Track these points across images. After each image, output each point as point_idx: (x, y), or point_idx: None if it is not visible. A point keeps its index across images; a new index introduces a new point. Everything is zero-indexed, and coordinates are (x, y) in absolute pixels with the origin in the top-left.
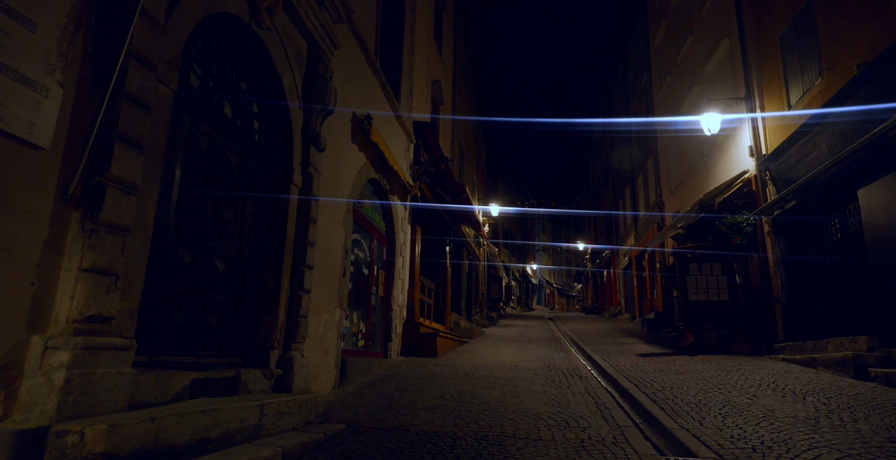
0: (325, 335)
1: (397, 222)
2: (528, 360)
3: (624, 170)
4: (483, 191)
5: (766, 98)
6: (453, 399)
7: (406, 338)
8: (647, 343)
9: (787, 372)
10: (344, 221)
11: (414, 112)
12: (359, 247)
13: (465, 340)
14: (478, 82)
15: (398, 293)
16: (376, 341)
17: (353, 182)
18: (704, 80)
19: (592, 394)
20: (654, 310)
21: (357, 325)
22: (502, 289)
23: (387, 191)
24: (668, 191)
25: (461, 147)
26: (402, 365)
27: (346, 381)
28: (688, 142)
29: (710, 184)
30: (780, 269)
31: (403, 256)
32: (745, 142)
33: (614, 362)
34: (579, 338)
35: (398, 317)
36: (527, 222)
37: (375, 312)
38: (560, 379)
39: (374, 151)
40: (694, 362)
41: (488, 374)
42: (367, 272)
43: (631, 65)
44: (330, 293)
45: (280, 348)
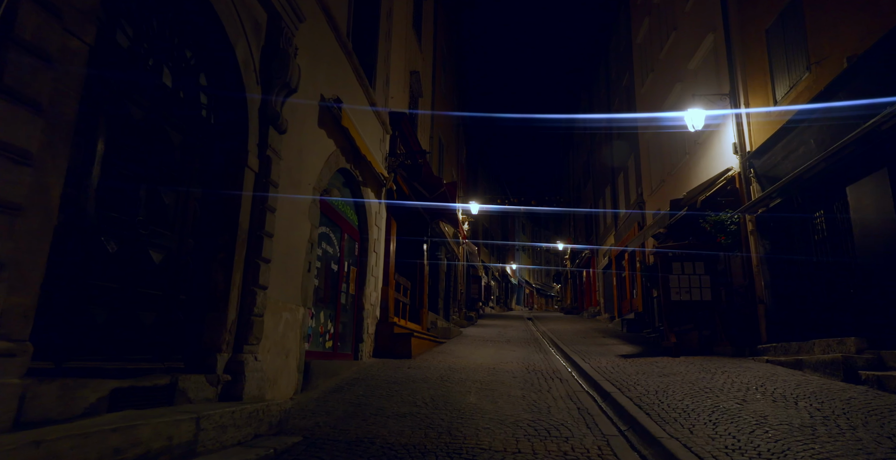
0: (286, 336)
1: (371, 216)
2: (506, 362)
3: (604, 169)
4: (463, 189)
5: (751, 94)
6: (426, 405)
7: (379, 339)
8: (627, 343)
9: (773, 375)
10: (309, 212)
11: (391, 102)
12: (327, 241)
13: (441, 341)
14: (458, 77)
15: (371, 291)
16: (346, 342)
17: (320, 170)
18: (688, 77)
19: (574, 399)
20: (633, 311)
21: (324, 325)
22: (481, 289)
23: (359, 182)
24: (648, 189)
25: (441, 142)
26: (373, 368)
27: (310, 386)
28: (670, 141)
29: (692, 183)
30: (763, 269)
31: (377, 252)
32: (729, 139)
33: (595, 363)
34: (559, 338)
35: (370, 317)
36: (507, 222)
37: (345, 311)
38: (540, 382)
39: (344, 139)
40: (677, 364)
41: (464, 377)
42: (337, 268)
43: (613, 63)
44: (292, 290)
45: (230, 351)
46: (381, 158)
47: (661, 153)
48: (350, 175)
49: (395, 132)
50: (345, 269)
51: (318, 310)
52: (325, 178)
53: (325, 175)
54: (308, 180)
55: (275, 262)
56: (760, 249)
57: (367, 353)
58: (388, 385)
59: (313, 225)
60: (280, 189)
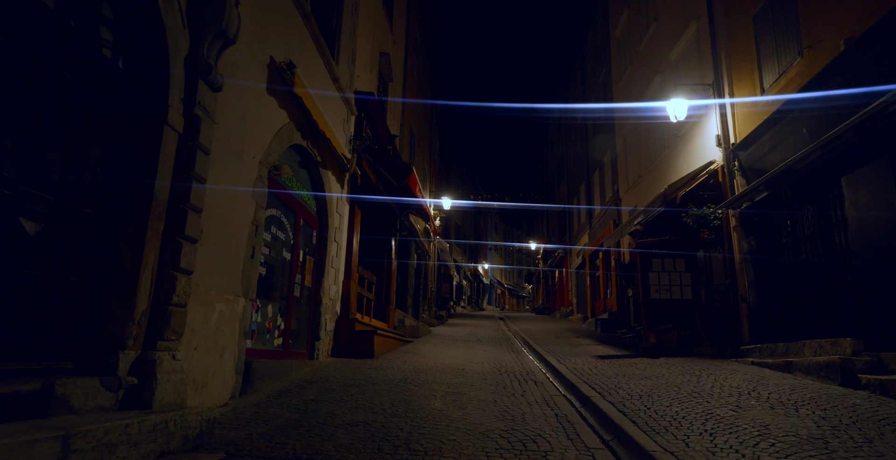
0: (220, 331)
1: (331, 202)
2: (476, 362)
3: (580, 166)
4: (435, 184)
5: (736, 83)
6: (384, 412)
7: (339, 337)
8: (602, 344)
9: (763, 378)
10: (254, 190)
11: (357, 82)
12: (279, 226)
13: (409, 339)
14: (432, 69)
15: (330, 284)
16: (300, 340)
17: (268, 143)
18: (668, 69)
19: (551, 404)
20: (607, 310)
21: (273, 320)
22: (453, 288)
23: (318, 163)
24: (625, 186)
25: (412, 133)
26: (329, 368)
27: (252, 389)
28: (648, 135)
29: (671, 177)
30: (746, 267)
31: (338, 242)
32: (712, 131)
33: (571, 365)
34: (531, 338)
35: (329, 312)
36: (480, 221)
37: (300, 305)
38: (513, 384)
39: (299, 111)
40: (657, 365)
41: (431, 379)
42: (290, 257)
43: (589, 59)
44: (230, 277)
45: (138, 347)
46: (344, 140)
47: (639, 148)
48: (307, 154)
49: (362, 114)
50: (300, 259)
51: (266, 302)
52: (274, 153)
53: (276, 149)
54: (253, 152)
55: (206, 244)
56: (744, 246)
57: (325, 352)
58: (344, 387)
59: (259, 205)
60: (214, 158)
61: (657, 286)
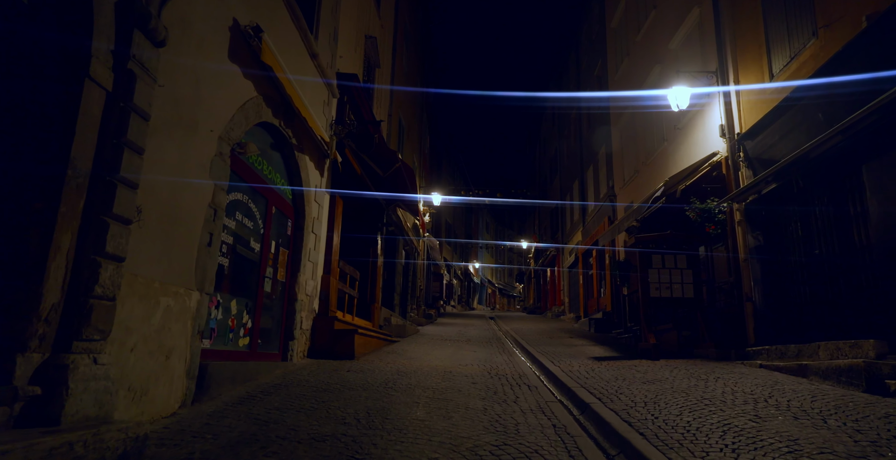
0: (167, 329)
1: (309, 190)
2: (465, 364)
3: (573, 162)
4: (425, 179)
5: (741, 70)
6: (357, 423)
7: (316, 336)
8: (597, 344)
9: (776, 383)
10: (212, 168)
11: (339, 63)
12: (246, 212)
13: (394, 339)
14: (423, 59)
15: (307, 279)
16: (271, 339)
17: (231, 117)
18: (668, 58)
19: (547, 412)
20: (601, 310)
21: (238, 318)
22: (443, 287)
23: (293, 146)
24: (620, 182)
25: (401, 124)
26: (303, 371)
27: (207, 396)
28: (645, 127)
29: (671, 171)
30: (752, 263)
31: (317, 234)
32: (715, 120)
33: (566, 367)
34: (523, 338)
35: (306, 309)
36: (471, 220)
37: (271, 302)
38: (504, 389)
39: (269, 84)
40: (659, 368)
41: (415, 383)
42: (260, 248)
43: (584, 53)
44: (180, 268)
45: (45, 350)
46: (324, 124)
47: (636, 142)
48: (280, 134)
49: (345, 97)
50: (271, 250)
51: (229, 298)
52: (238, 129)
53: (240, 125)
54: (210, 125)
55: (148, 227)
56: (750, 241)
57: (300, 353)
58: (317, 393)
59: (219, 186)
60: (158, 126)
61: (657, 284)
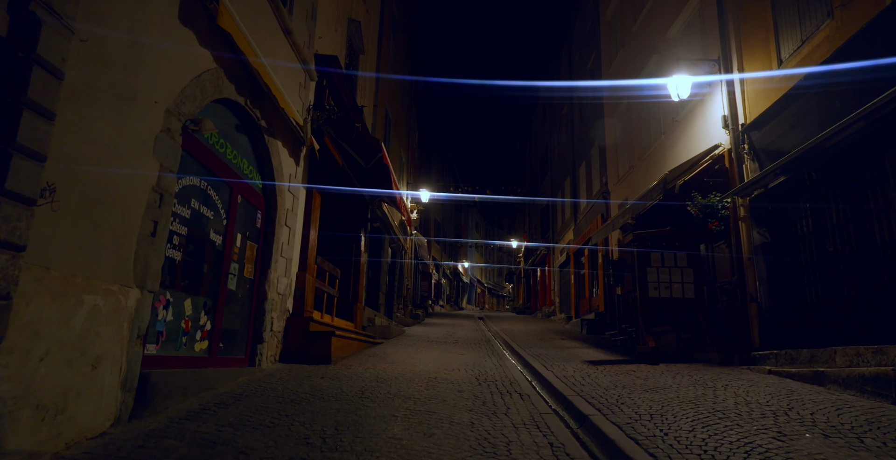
0: (93, 333)
1: (282, 179)
2: (452, 369)
3: (564, 159)
4: (413, 175)
5: (746, 57)
6: (322, 443)
7: (289, 338)
8: (591, 347)
9: (792, 393)
10: (157, 146)
11: (318, 43)
12: (204, 200)
13: (377, 341)
14: (411, 51)
15: (279, 276)
16: (235, 343)
17: (182, 89)
18: (666, 48)
19: (542, 426)
20: (593, 310)
21: (194, 319)
22: (431, 287)
23: (262, 128)
24: (614, 178)
25: (388, 117)
26: (271, 378)
27: (150, 411)
28: (641, 121)
29: (668, 166)
30: (757, 262)
31: (291, 227)
32: (717, 111)
33: (560, 372)
34: (513, 339)
35: (278, 310)
36: (460, 219)
37: (236, 301)
38: (494, 398)
39: (231, 55)
40: (660, 374)
41: (395, 392)
42: (222, 241)
43: (576, 46)
44: (112, 261)
45: None
46: (300, 108)
47: (631, 136)
48: (246, 115)
49: (324, 81)
50: (236, 244)
51: (182, 296)
52: (192, 103)
53: (194, 99)
54: (154, 95)
55: (68, 211)
56: (755, 238)
57: (270, 357)
58: (281, 405)
59: (167, 167)
60: (79, 89)
61: (656, 283)
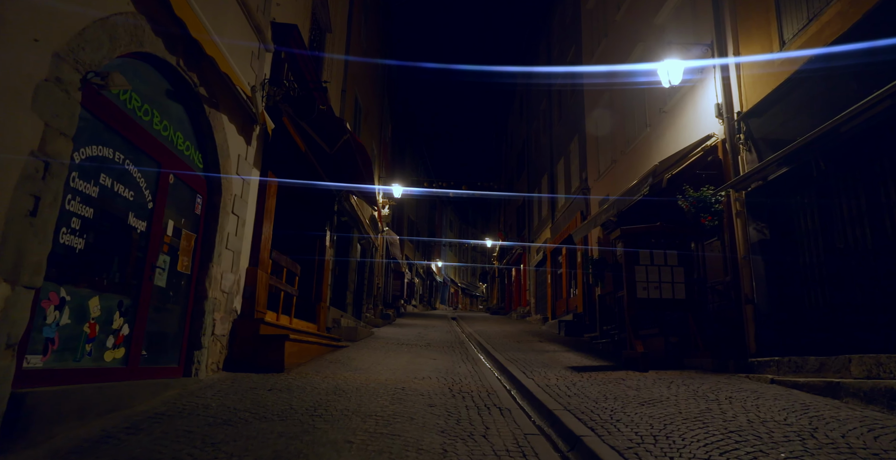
0: None
1: (229, 160)
2: (422, 377)
3: (542, 155)
4: (386, 169)
5: (743, 40)
6: None
7: (236, 343)
8: (571, 350)
9: (807, 407)
10: (38, 98)
11: (277, 11)
12: (119, 177)
13: (342, 344)
14: (384, 39)
15: (223, 272)
16: (166, 349)
17: (80, 30)
18: (653, 34)
19: (528, 452)
20: (571, 311)
21: (104, 322)
22: (404, 286)
23: (200, 97)
24: (595, 174)
25: (358, 104)
26: (207, 392)
27: (25, 443)
28: (625, 112)
29: (655, 159)
30: (754, 260)
31: (240, 216)
32: (710, 99)
33: (542, 380)
34: (489, 342)
35: (221, 310)
36: (434, 218)
37: (165, 299)
38: (470, 414)
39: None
40: (652, 383)
41: (354, 408)
42: (146, 228)
43: (556, 40)
44: None
45: None
46: (252, 80)
47: (614, 129)
48: (180, 80)
49: (282, 54)
50: (167, 232)
51: (87, 294)
52: (95, 51)
53: (99, 46)
54: (34, 30)
55: None
56: (752, 235)
57: (211, 365)
58: (210, 428)
59: (55, 127)
60: None
61: (644, 283)
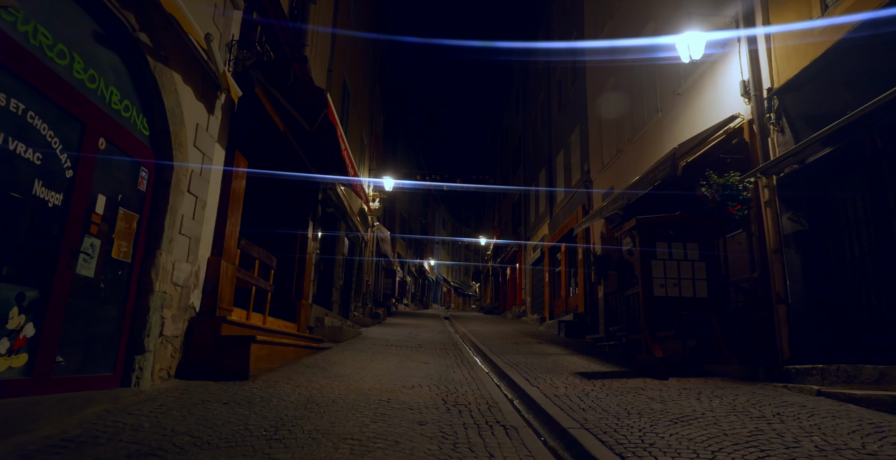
0: None
1: (184, 128)
2: (412, 385)
3: (540, 149)
4: (377, 162)
5: (773, 8)
6: None
7: (193, 346)
8: (575, 353)
9: (880, 428)
10: None
11: None
12: (20, 133)
13: (324, 346)
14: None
15: (175, 261)
16: (96, 354)
17: None
18: (665, 11)
19: None
20: (571, 311)
21: None
22: (396, 284)
23: (142, 46)
24: (598, 165)
25: (346, 88)
26: (144, 407)
27: None
28: (633, 98)
29: (667, 146)
30: (788, 254)
31: (198, 197)
32: (734, 76)
33: (549, 388)
34: (485, 343)
35: (174, 306)
36: (427, 216)
37: (95, 293)
38: (469, 434)
39: None
40: (677, 394)
41: (326, 428)
42: (61, 202)
43: (555, 25)
44: None
45: None
46: (217, 40)
47: (619, 117)
48: (113, 21)
49: (254, 12)
50: (95, 210)
51: None
52: None
53: None
54: None
55: None
56: (785, 226)
57: (160, 373)
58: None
59: None
60: None
61: (662, 279)
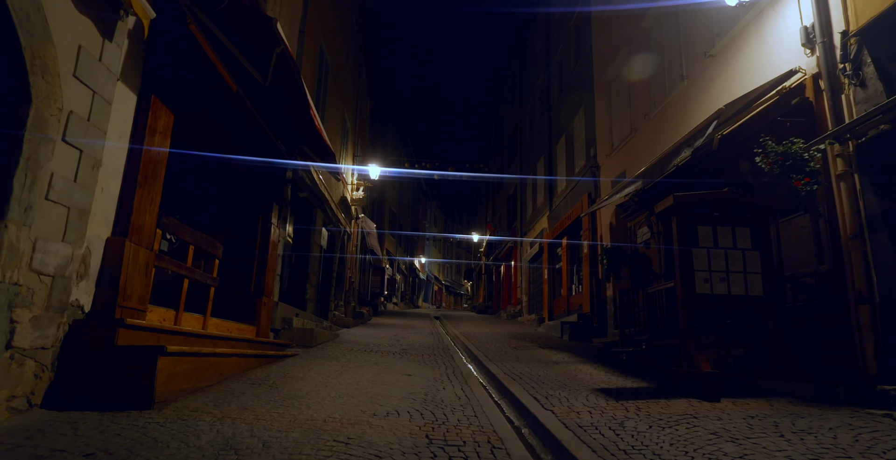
0: None
1: (52, 47)
2: (385, 412)
3: (538, 137)
4: (362, 148)
5: None
6: None
7: (74, 360)
8: (587, 361)
9: None
10: None
11: None
12: None
13: (284, 354)
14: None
15: (38, 238)
16: None
17: None
18: None
19: None
20: (574, 312)
21: None
22: (384, 282)
23: None
24: (607, 148)
25: (324, 59)
26: None
27: None
28: (650, 66)
29: (695, 119)
30: (873, 239)
31: (84, 150)
32: (791, 24)
33: (568, 414)
34: (479, 347)
35: (39, 306)
36: (418, 212)
37: None
38: None
39: None
40: (749, 427)
41: None
42: None
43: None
44: None
45: None
46: None
47: (633, 91)
48: None
49: None
50: None
51: None
52: None
53: None
54: None
55: None
56: (871, 204)
57: (7, 402)
58: None
59: None
60: None
61: (706, 272)
